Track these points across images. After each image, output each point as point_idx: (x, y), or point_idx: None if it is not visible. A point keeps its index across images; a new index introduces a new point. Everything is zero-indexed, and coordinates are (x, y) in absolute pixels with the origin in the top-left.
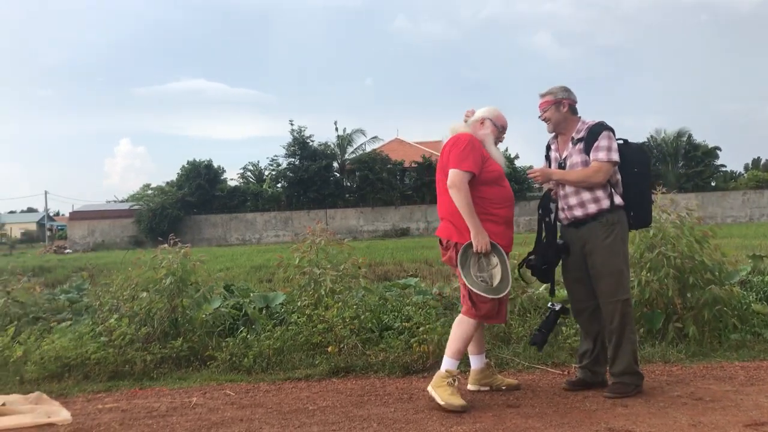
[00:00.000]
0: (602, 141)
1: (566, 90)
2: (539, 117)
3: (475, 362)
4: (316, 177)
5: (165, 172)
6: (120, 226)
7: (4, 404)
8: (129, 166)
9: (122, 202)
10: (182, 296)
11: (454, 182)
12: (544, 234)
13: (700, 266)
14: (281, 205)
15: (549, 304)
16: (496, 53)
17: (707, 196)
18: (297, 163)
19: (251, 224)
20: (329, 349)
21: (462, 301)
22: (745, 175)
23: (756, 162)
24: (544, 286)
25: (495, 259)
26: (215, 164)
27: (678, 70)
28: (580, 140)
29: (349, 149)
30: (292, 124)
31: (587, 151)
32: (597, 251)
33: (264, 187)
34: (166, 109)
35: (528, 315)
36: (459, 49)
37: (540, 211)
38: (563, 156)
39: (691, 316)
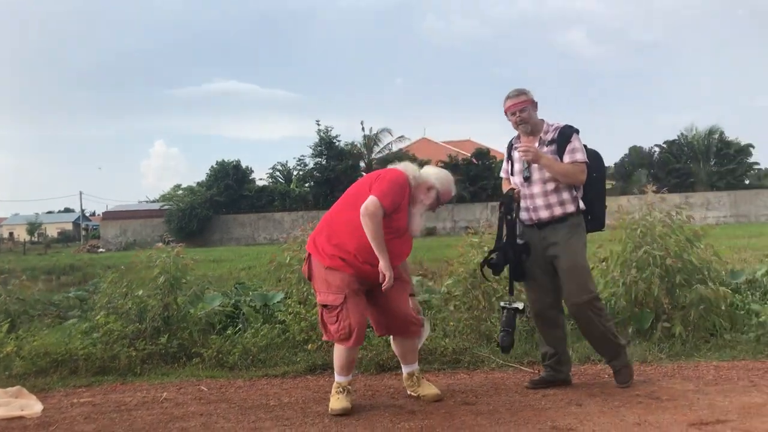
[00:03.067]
0: (576, 142)
1: (529, 91)
2: (515, 119)
3: (403, 369)
4: (343, 177)
5: (197, 173)
6: (151, 226)
7: None
8: (163, 167)
9: (153, 202)
10: (175, 294)
11: (368, 209)
12: (505, 233)
13: (688, 266)
14: (308, 204)
15: (503, 303)
16: (527, 50)
17: (740, 195)
18: (324, 163)
19: (279, 224)
20: (309, 346)
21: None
22: None
23: None
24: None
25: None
26: (244, 164)
27: (713, 65)
28: (551, 142)
29: (376, 149)
30: (318, 124)
31: (560, 152)
32: (561, 253)
33: (291, 186)
34: (199, 111)
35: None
36: (490, 47)
37: (501, 210)
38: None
39: (679, 316)
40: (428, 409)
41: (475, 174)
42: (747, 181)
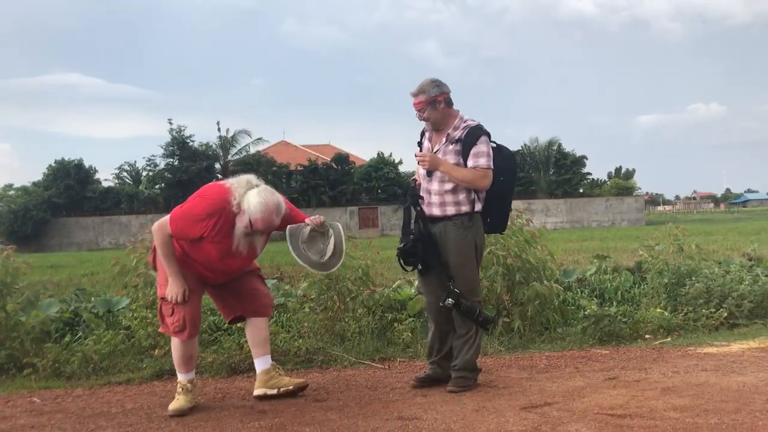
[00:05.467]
0: (482, 146)
1: (438, 84)
2: (417, 117)
3: (258, 365)
4: (196, 178)
5: (33, 172)
6: None
7: None
8: None
9: None
10: (4, 301)
11: (155, 228)
12: (412, 223)
13: (526, 265)
14: (159, 207)
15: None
16: (385, 59)
17: (575, 202)
18: (176, 163)
19: (125, 227)
20: (156, 351)
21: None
22: (608, 182)
23: (618, 171)
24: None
25: (330, 235)
26: (87, 164)
27: (554, 82)
28: (457, 141)
29: (233, 150)
30: (170, 123)
31: (464, 154)
32: (450, 252)
33: (140, 188)
34: (34, 104)
35: (372, 313)
36: (349, 54)
37: (408, 201)
38: (435, 149)
39: (518, 312)
40: (279, 408)
41: (335, 179)
42: (581, 190)
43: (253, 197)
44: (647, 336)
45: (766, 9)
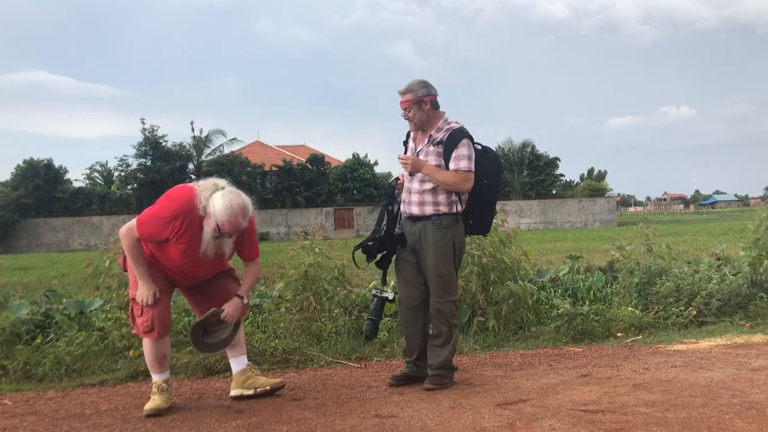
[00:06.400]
0: (463, 149)
1: (426, 85)
2: (402, 116)
3: (234, 366)
4: (169, 179)
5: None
6: None
7: None
8: None
9: None
10: None
11: (122, 231)
12: (385, 222)
13: (501, 264)
14: (131, 207)
15: (375, 292)
16: (360, 60)
17: (548, 203)
18: (148, 163)
19: (97, 228)
20: (130, 353)
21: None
22: (581, 184)
23: (590, 172)
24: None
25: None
26: (57, 164)
27: (527, 84)
28: (439, 143)
29: (207, 150)
30: (143, 123)
31: (446, 156)
32: (428, 251)
33: (112, 188)
34: (1, 103)
35: (348, 313)
36: (324, 55)
37: (385, 200)
38: (417, 149)
39: (493, 311)
40: (256, 408)
41: (310, 179)
42: (554, 191)
43: (218, 200)
44: (619, 334)
45: (733, 14)
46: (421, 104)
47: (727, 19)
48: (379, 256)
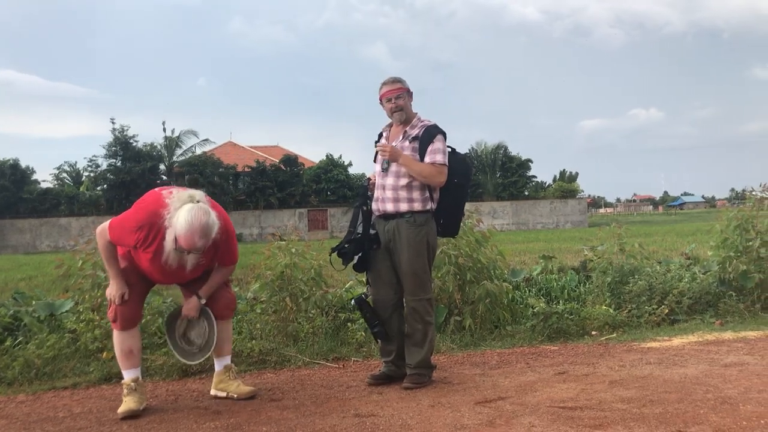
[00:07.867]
0: (438, 143)
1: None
2: (390, 106)
3: (216, 365)
4: (140, 180)
5: None
6: None
7: None
8: None
9: None
10: None
11: (98, 231)
12: (360, 223)
13: (477, 264)
14: (101, 209)
15: (362, 296)
16: (334, 61)
17: (521, 205)
18: (119, 164)
19: (65, 230)
20: (103, 355)
21: None
22: (552, 185)
23: (562, 174)
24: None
25: (204, 324)
26: (23, 164)
27: (500, 86)
28: (415, 138)
29: (179, 151)
30: (113, 123)
31: (422, 151)
32: (402, 249)
33: (81, 189)
34: None
35: (325, 313)
36: (297, 56)
37: (358, 201)
38: (392, 145)
39: (469, 310)
40: (234, 408)
41: (283, 180)
42: (526, 192)
43: (183, 215)
44: (594, 332)
45: (700, 18)
46: (408, 95)
47: (695, 23)
48: (355, 258)
